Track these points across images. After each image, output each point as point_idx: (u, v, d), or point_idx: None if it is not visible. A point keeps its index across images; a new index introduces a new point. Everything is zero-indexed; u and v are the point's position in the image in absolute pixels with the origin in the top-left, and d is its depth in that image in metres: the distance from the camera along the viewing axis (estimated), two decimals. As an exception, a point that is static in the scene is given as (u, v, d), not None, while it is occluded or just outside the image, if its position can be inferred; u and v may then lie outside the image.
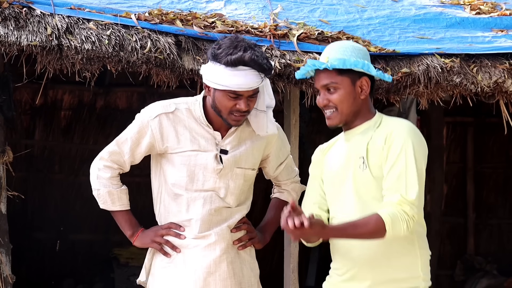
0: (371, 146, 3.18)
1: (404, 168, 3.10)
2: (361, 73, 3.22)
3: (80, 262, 8.25)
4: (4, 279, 4.92)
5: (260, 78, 3.40)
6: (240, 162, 3.55)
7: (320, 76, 3.25)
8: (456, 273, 8.92)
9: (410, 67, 5.05)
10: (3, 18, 4.61)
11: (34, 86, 5.67)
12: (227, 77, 3.38)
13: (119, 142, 3.58)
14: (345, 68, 3.19)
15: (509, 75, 5.11)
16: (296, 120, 5.30)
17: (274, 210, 3.74)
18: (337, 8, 5.61)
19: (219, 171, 3.51)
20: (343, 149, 3.28)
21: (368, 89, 3.24)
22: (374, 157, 3.16)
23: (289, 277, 5.34)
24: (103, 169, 3.59)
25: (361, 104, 3.24)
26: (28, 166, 8.13)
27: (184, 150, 3.51)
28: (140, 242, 3.61)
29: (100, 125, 8.57)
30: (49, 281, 7.93)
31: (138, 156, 3.58)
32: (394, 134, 3.15)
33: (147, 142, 3.54)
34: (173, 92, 5.14)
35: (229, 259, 3.54)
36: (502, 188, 9.23)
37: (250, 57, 3.37)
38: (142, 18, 4.90)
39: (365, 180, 3.17)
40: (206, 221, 3.51)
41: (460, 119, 8.95)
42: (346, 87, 3.21)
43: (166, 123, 3.52)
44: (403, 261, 3.16)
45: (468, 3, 5.91)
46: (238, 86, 3.38)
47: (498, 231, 9.23)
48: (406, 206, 3.07)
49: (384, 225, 3.04)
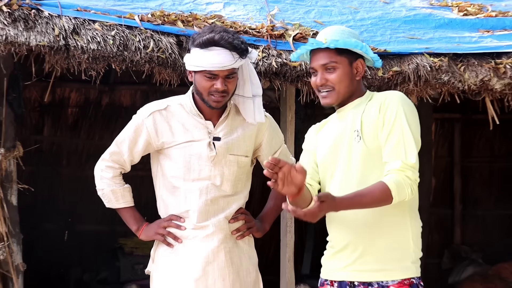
0: (365, 117, 3.17)
1: (401, 134, 3.09)
2: (357, 55, 3.22)
3: (87, 252, 8.24)
4: (15, 267, 4.92)
5: (232, 57, 3.41)
6: (233, 149, 3.54)
7: (319, 56, 3.21)
8: (443, 262, 8.93)
9: (401, 66, 5.05)
10: (13, 20, 4.60)
11: (42, 84, 5.67)
12: (201, 57, 3.41)
13: (118, 142, 3.60)
14: (344, 49, 3.18)
15: (495, 74, 5.10)
16: (292, 117, 5.30)
17: (273, 200, 3.73)
18: (331, 10, 5.60)
19: (213, 158, 3.50)
20: (336, 126, 3.27)
21: (363, 71, 3.24)
22: (369, 128, 3.15)
23: (285, 266, 5.34)
24: (105, 170, 3.60)
25: (356, 84, 3.24)
26: (37, 161, 8.12)
27: (179, 142, 3.51)
28: (145, 235, 3.62)
29: (106, 121, 8.57)
30: (57, 269, 7.93)
31: (137, 154, 3.59)
32: (387, 101, 3.14)
33: (144, 140, 3.54)
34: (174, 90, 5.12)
35: (227, 249, 3.53)
36: (488, 181, 9.25)
37: (221, 37, 3.41)
38: (145, 19, 4.89)
39: (360, 152, 3.15)
40: (203, 211, 3.50)
41: (448, 116, 8.95)
42: (344, 67, 3.20)
43: (159, 120, 3.53)
44: (394, 231, 3.14)
45: (455, 5, 5.90)
46: (211, 65, 3.40)
47: (483, 222, 9.24)
48: (408, 171, 3.06)
49: (390, 192, 3.03)
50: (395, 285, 3.12)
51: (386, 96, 3.18)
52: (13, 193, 4.98)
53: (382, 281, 3.13)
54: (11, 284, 4.92)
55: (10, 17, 4.59)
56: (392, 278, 3.13)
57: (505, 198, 9.17)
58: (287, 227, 5.29)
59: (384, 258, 3.14)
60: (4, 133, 4.91)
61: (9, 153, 4.91)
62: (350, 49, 3.19)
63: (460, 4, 5.90)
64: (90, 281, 7.37)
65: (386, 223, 3.13)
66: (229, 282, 3.51)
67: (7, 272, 4.89)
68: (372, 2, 5.80)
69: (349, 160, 3.17)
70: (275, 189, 2.90)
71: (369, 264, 3.14)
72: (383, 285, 3.13)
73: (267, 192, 3.81)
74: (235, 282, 3.53)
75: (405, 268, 3.15)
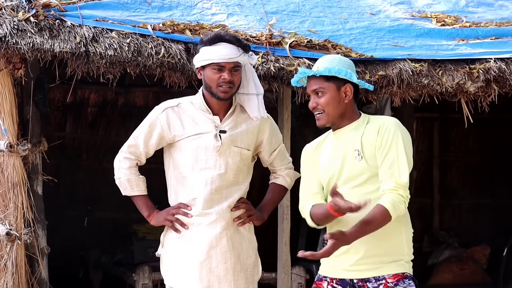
0: (364, 139, 3.19)
1: (396, 156, 3.13)
2: (346, 81, 3.23)
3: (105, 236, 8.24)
4: (41, 250, 4.93)
5: (237, 50, 3.45)
6: (237, 141, 3.55)
7: (311, 82, 3.27)
8: (423, 245, 8.93)
9: (386, 71, 5.05)
10: (39, 29, 4.60)
11: (65, 86, 5.65)
12: (209, 52, 3.46)
13: (135, 136, 3.61)
14: (331, 76, 3.21)
15: (469, 78, 5.11)
16: (288, 116, 5.30)
17: (271, 193, 3.74)
18: (323, 20, 5.60)
19: (218, 148, 3.51)
20: (335, 146, 3.27)
21: (351, 95, 3.25)
22: (368, 148, 3.17)
23: (282, 250, 5.35)
24: (123, 160, 3.61)
25: (345, 107, 3.24)
26: (60, 155, 8.11)
27: (189, 135, 3.53)
28: (156, 221, 3.61)
29: (121, 119, 8.55)
30: (78, 252, 7.93)
31: (151, 147, 3.59)
32: (384, 126, 3.17)
33: (158, 133, 3.55)
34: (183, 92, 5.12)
35: (228, 235, 3.53)
36: (463, 173, 9.25)
37: (226, 33, 3.55)
38: (157, 28, 4.89)
39: (361, 170, 3.17)
40: (208, 199, 3.50)
41: (428, 115, 8.95)
42: (331, 92, 3.22)
43: (172, 115, 3.54)
44: (390, 238, 3.16)
45: (434, 16, 5.89)
46: (218, 57, 3.43)
47: (459, 210, 9.25)
48: (401, 190, 3.10)
49: (388, 212, 3.07)
50: (391, 277, 3.15)
51: (384, 121, 3.21)
52: (38, 184, 4.98)
53: (379, 276, 3.15)
54: (36, 265, 4.93)
55: (37, 27, 4.60)
56: (387, 272, 3.16)
57: (478, 189, 9.18)
58: (284, 214, 5.29)
59: (382, 260, 3.16)
60: (31, 130, 4.92)
61: (35, 148, 4.92)
62: (337, 76, 3.21)
63: (438, 15, 5.89)
64: (107, 263, 7.37)
65: (384, 230, 3.14)
66: (230, 265, 3.52)
67: (33, 254, 4.90)
68: (360, 13, 5.79)
69: (352, 177, 3.18)
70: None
71: (368, 265, 3.16)
72: (379, 279, 3.15)
73: (266, 184, 3.82)
74: (236, 265, 3.54)
75: (399, 265, 3.18)
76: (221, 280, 3.50)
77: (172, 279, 3.56)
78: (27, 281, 4.86)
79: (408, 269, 3.20)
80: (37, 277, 4.91)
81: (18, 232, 4.77)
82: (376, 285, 3.14)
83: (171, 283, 3.57)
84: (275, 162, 3.73)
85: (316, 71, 3.23)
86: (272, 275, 5.58)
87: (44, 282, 4.96)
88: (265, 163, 3.76)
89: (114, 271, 6.97)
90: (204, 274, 3.50)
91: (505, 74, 5.12)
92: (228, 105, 3.57)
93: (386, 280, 3.13)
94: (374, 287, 3.14)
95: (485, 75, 5.10)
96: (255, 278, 3.64)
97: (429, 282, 8.19)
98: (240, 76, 3.52)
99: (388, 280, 3.13)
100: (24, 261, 4.84)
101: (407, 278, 3.16)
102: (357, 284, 3.16)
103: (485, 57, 5.21)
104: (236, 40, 3.49)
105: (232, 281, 3.52)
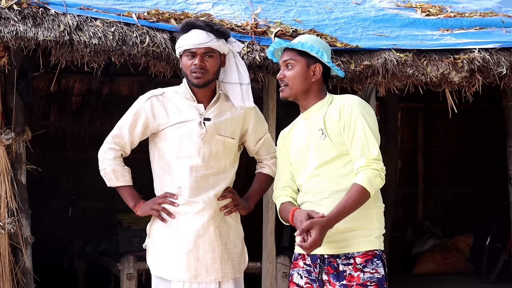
0: (327, 118, 3.24)
1: (363, 134, 3.17)
2: (317, 60, 3.29)
3: (89, 226, 8.23)
4: (24, 239, 4.91)
5: (207, 36, 3.47)
6: (220, 129, 3.55)
7: (284, 54, 3.34)
8: (407, 235, 8.99)
9: (371, 60, 5.05)
10: (23, 17, 4.56)
11: (49, 75, 5.61)
12: (182, 39, 3.52)
13: (119, 126, 3.60)
14: (304, 52, 3.26)
15: (453, 68, 5.12)
16: (273, 105, 5.30)
17: (258, 183, 3.74)
18: (309, 10, 5.59)
19: (203, 136, 3.51)
20: (303, 127, 3.34)
21: (320, 75, 3.30)
22: (331, 127, 3.22)
23: (267, 239, 5.36)
24: (108, 151, 3.59)
25: (311, 85, 3.30)
26: (44, 144, 8.08)
27: (173, 123, 3.52)
28: (141, 211, 3.60)
29: (106, 109, 8.54)
30: (62, 241, 7.91)
31: (136, 137, 3.58)
32: (346, 105, 3.22)
33: (142, 122, 3.54)
34: (168, 81, 5.12)
35: (216, 224, 3.53)
36: (447, 163, 9.31)
37: (197, 19, 3.59)
38: (142, 17, 4.87)
39: (327, 148, 3.22)
40: (194, 187, 3.50)
41: (412, 105, 8.99)
42: (300, 67, 3.28)
43: (156, 104, 3.54)
44: (360, 213, 3.17)
45: (419, 6, 5.90)
46: (189, 43, 3.48)
47: (443, 200, 9.31)
48: (374, 164, 3.15)
49: (364, 189, 3.11)
50: (360, 256, 3.18)
51: (344, 100, 3.26)
52: (22, 173, 4.96)
53: (348, 253, 3.18)
54: (20, 255, 4.91)
55: (20, 15, 4.56)
56: (357, 250, 3.18)
57: (462, 179, 9.23)
58: (269, 204, 5.30)
59: (352, 235, 3.19)
60: (14, 119, 4.88)
61: (19, 137, 4.89)
62: (309, 53, 3.26)
63: (423, 5, 5.90)
64: (92, 252, 7.35)
65: None
66: (218, 253, 3.52)
67: (17, 243, 4.88)
68: (345, 3, 5.79)
69: (318, 155, 3.23)
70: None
71: (338, 242, 3.19)
72: (349, 257, 3.18)
73: (251, 173, 3.82)
74: (223, 254, 3.54)
75: (369, 241, 3.20)
76: (208, 269, 3.50)
77: (159, 268, 3.55)
78: (11, 270, 4.83)
79: (378, 245, 3.22)
80: (21, 266, 4.89)
81: (2, 221, 4.74)
82: (345, 262, 3.17)
83: (158, 272, 3.56)
84: (260, 151, 3.73)
85: (290, 44, 3.29)
86: (257, 264, 5.59)
87: (28, 271, 4.94)
88: (251, 152, 3.76)
89: (99, 261, 6.95)
90: (192, 262, 3.49)
91: (489, 64, 5.13)
92: (212, 93, 3.57)
93: (355, 260, 3.16)
94: (343, 264, 3.18)
95: (469, 65, 5.11)
96: (241, 267, 3.64)
97: (413, 271, 8.24)
98: (215, 62, 3.51)
99: (357, 261, 3.16)
100: (8, 251, 4.81)
101: (376, 257, 3.18)
102: (328, 259, 3.20)
103: (470, 47, 5.22)
104: (207, 25, 3.50)
105: (219, 269, 3.52)
